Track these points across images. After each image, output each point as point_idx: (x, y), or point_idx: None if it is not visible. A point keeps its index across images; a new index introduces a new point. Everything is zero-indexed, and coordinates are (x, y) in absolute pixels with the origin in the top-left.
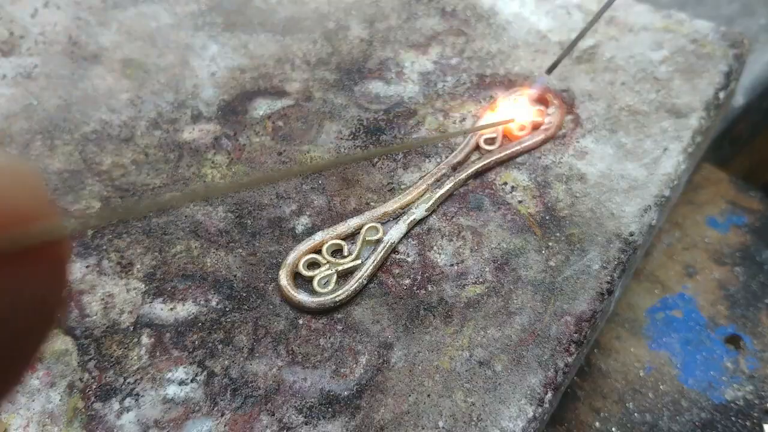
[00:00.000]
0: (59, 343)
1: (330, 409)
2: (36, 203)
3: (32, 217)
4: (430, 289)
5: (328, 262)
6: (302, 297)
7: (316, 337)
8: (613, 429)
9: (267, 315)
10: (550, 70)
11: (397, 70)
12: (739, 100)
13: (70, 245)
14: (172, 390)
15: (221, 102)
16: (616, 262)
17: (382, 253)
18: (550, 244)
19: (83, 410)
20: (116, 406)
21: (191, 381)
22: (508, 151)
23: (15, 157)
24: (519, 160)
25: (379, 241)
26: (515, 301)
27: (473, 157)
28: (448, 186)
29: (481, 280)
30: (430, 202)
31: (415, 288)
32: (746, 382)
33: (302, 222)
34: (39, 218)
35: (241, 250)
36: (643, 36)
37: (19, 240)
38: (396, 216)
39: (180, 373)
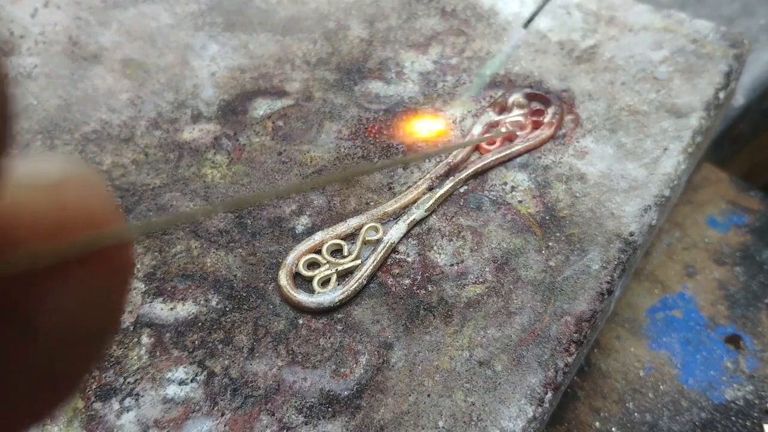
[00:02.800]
0: None
1: (330, 409)
2: (103, 208)
3: (100, 222)
4: (430, 289)
5: (328, 262)
6: (302, 297)
7: (316, 337)
8: (613, 429)
9: (267, 315)
10: (526, 25)
11: (397, 70)
12: (739, 100)
13: (134, 251)
14: (172, 390)
15: (221, 102)
16: (616, 262)
17: (382, 253)
18: (550, 244)
19: (83, 410)
20: (116, 406)
21: (191, 381)
22: (508, 151)
23: (82, 163)
24: (519, 160)
25: (379, 241)
26: (515, 301)
27: (473, 157)
28: (448, 186)
29: (481, 280)
30: (430, 202)
31: (415, 288)
32: (746, 382)
33: (302, 222)
34: (106, 223)
35: (241, 250)
36: (643, 36)
37: (88, 245)
38: (396, 216)
39: (180, 373)
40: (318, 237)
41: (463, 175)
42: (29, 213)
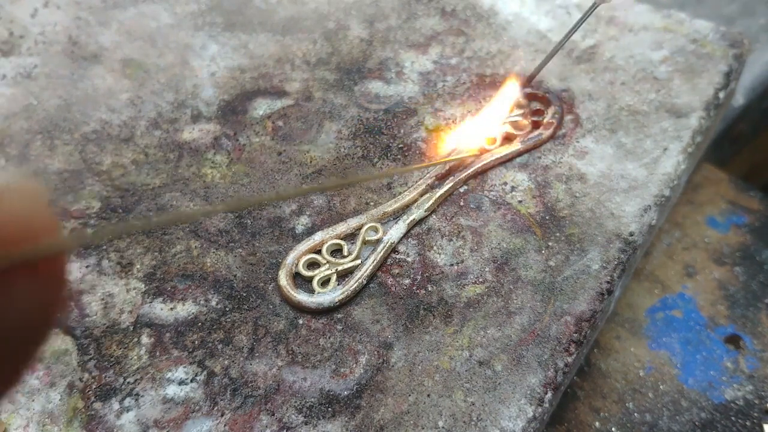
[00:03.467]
0: (59, 342)
1: (330, 409)
2: (40, 221)
3: (36, 235)
4: (430, 289)
5: (327, 262)
6: (302, 297)
7: (315, 337)
8: (613, 429)
9: (267, 315)
10: (527, 82)
11: (396, 70)
12: (739, 100)
13: (67, 259)
14: (172, 390)
15: (221, 102)
16: (616, 262)
17: (381, 253)
18: (550, 244)
19: (83, 410)
20: (116, 406)
21: (191, 381)
22: (508, 151)
23: (23, 176)
24: (519, 160)
25: (378, 241)
26: (515, 301)
27: (473, 157)
28: (448, 186)
29: (481, 280)
30: (430, 202)
31: (415, 288)
32: (746, 382)
33: (302, 222)
34: (43, 235)
35: (241, 250)
36: (643, 36)
37: (18, 255)
38: (396, 216)
39: (180, 372)
40: (318, 237)
41: (463, 175)
42: None
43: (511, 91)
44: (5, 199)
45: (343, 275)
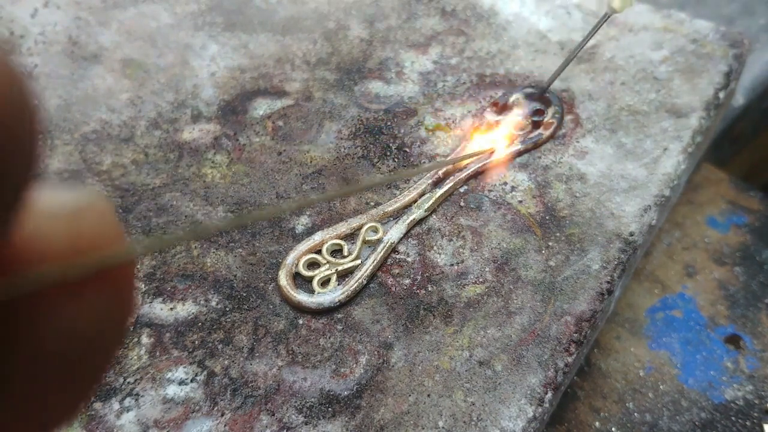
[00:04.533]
0: None
1: (330, 409)
2: (112, 236)
3: (102, 244)
4: (430, 289)
5: (327, 262)
6: (302, 297)
7: (316, 337)
8: (613, 429)
9: (267, 315)
10: (546, 88)
11: (397, 70)
12: (739, 100)
13: (135, 271)
14: (172, 390)
15: (221, 102)
16: (616, 262)
17: (382, 253)
18: (550, 244)
19: (83, 410)
20: (116, 406)
21: (191, 381)
22: (508, 151)
23: (94, 192)
24: (519, 160)
25: (379, 241)
26: (515, 301)
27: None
28: (448, 186)
29: (481, 280)
30: (430, 202)
31: (415, 288)
32: (746, 382)
33: (302, 222)
34: (108, 244)
35: (241, 250)
36: (643, 36)
37: (95, 266)
38: (396, 216)
39: (180, 373)
40: (318, 237)
41: (463, 175)
42: (46, 241)
43: (521, 106)
44: (82, 216)
45: (343, 275)
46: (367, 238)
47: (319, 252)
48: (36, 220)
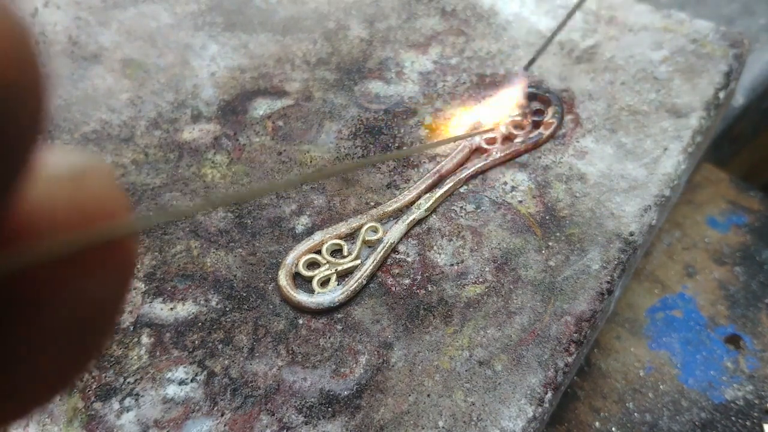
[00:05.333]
0: None
1: (330, 409)
2: (116, 201)
3: (113, 215)
4: (430, 289)
5: (327, 262)
6: (302, 297)
7: (316, 337)
8: (613, 429)
9: (267, 315)
10: (527, 67)
11: (397, 69)
12: (739, 100)
13: (138, 243)
14: (172, 390)
15: (221, 102)
16: (616, 262)
17: (381, 253)
18: (550, 244)
19: (83, 410)
20: (116, 405)
21: (191, 381)
22: (508, 151)
23: (96, 156)
24: (519, 160)
25: (378, 241)
26: (515, 301)
27: (473, 157)
28: (448, 186)
29: (481, 280)
30: (430, 202)
31: (415, 288)
32: (746, 382)
33: (302, 222)
34: (118, 216)
35: (241, 250)
36: (643, 36)
37: (100, 237)
38: (396, 216)
39: (180, 372)
40: (318, 237)
41: (463, 175)
42: (51, 206)
43: (514, 78)
44: (86, 179)
45: (343, 275)
46: (367, 238)
47: (319, 252)
48: (40, 186)
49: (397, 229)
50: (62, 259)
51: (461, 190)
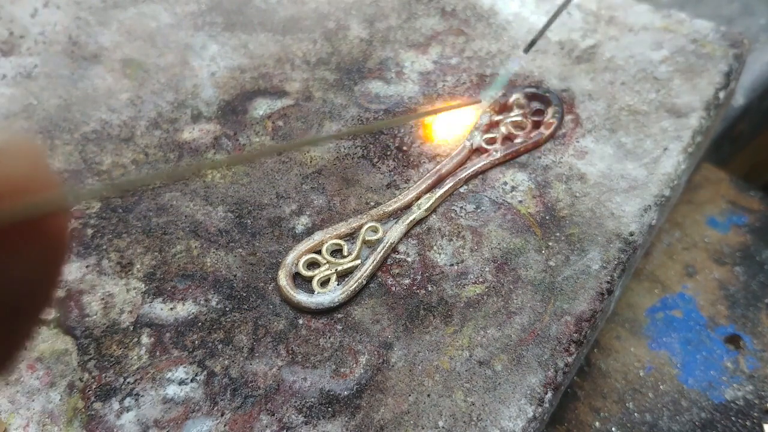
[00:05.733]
0: (59, 342)
1: (330, 409)
2: (40, 176)
3: (37, 191)
4: (430, 289)
5: (327, 262)
6: (301, 297)
7: (315, 337)
8: (613, 429)
9: (267, 315)
10: (527, 50)
11: (396, 69)
12: (739, 100)
13: (70, 217)
14: (172, 390)
15: (221, 102)
16: (616, 262)
17: (381, 253)
18: (550, 244)
19: (83, 410)
20: (116, 405)
21: (191, 381)
22: (508, 151)
23: (20, 134)
24: (519, 160)
25: (378, 241)
26: (515, 301)
27: (473, 157)
28: (448, 186)
29: (481, 280)
30: (430, 202)
31: (415, 288)
32: (746, 382)
33: (302, 222)
34: (43, 191)
35: (241, 250)
36: (643, 36)
37: (18, 211)
38: (396, 216)
39: (180, 372)
40: (318, 237)
41: (463, 175)
42: None
43: (512, 62)
44: (4, 154)
45: (343, 275)
46: (367, 238)
47: (318, 252)
48: None
49: (397, 229)
50: None
51: (461, 190)
